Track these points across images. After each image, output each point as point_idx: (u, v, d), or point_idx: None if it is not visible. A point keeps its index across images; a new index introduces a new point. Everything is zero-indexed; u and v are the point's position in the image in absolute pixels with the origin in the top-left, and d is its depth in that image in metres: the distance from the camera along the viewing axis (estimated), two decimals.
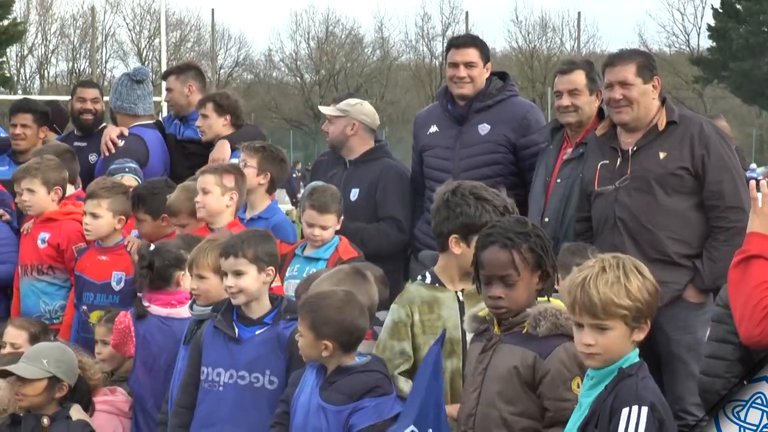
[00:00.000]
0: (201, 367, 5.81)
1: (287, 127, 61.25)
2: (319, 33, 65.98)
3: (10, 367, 6.09)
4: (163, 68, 13.06)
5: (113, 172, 8.31)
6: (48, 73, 60.65)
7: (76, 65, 60.69)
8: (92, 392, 6.34)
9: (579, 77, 7.33)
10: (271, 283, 5.90)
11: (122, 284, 7.34)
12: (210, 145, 8.66)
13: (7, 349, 6.87)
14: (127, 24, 63.00)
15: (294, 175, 33.07)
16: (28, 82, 58.35)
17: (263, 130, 10.07)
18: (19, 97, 19.24)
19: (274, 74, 67.68)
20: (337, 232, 7.17)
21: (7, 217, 8.21)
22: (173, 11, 62.45)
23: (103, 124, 9.39)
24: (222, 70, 65.05)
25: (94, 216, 7.38)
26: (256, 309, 5.80)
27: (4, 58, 45.22)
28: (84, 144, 9.16)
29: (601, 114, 7.34)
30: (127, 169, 8.33)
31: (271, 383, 5.71)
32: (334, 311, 5.14)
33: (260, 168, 7.55)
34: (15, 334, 7.00)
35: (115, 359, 6.77)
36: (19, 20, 36.32)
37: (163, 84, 10.61)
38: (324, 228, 7.09)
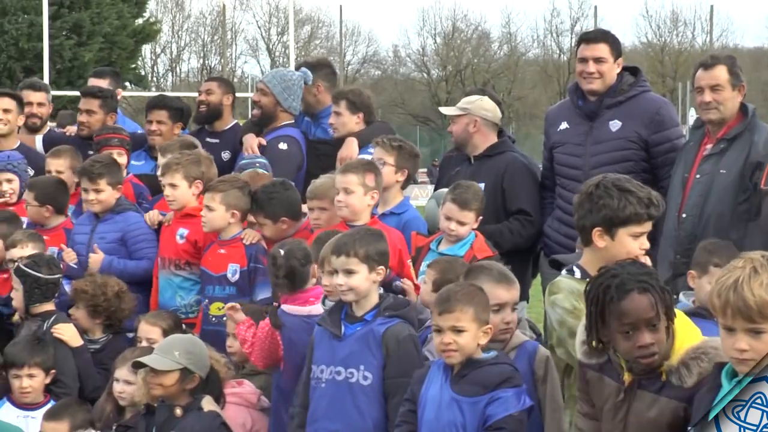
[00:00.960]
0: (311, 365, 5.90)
1: (414, 123, 61.34)
2: (446, 29, 65.93)
3: (143, 359, 6.21)
4: (292, 65, 13.18)
5: (243, 167, 8.41)
6: (180, 69, 61.83)
7: (206, 62, 61.73)
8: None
9: (721, 72, 7.20)
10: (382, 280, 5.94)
11: (237, 276, 7.43)
12: (339, 144, 8.71)
13: (143, 344, 7.02)
14: (257, 21, 63.86)
15: None
16: (161, 79, 59.55)
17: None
18: (153, 94, 19.60)
19: (401, 70, 67.84)
20: None
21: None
22: (302, 8, 63.02)
23: (234, 122, 9.47)
24: (350, 67, 65.44)
25: (209, 209, 7.50)
26: (363, 306, 5.83)
27: (139, 57, 46.18)
28: (216, 141, 9.27)
29: (744, 109, 7.20)
30: (257, 164, 8.42)
31: (365, 379, 5.72)
32: (484, 296, 5.21)
33: (398, 165, 7.58)
34: (148, 330, 7.14)
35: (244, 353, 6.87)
36: (153, 20, 37.09)
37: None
38: (461, 223, 7.07)
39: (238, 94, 10.13)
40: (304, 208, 7.62)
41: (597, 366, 4.65)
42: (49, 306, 7.36)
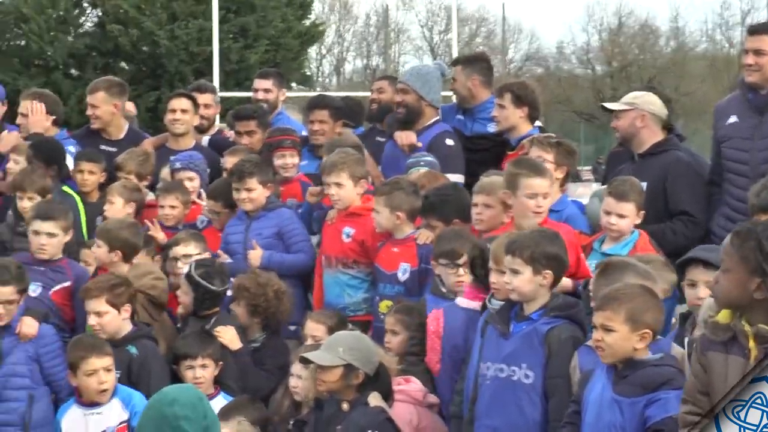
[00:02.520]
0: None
1: (577, 120, 60.59)
2: (612, 24, 64.92)
3: (308, 355, 6.31)
4: None
5: (410, 166, 8.48)
6: (344, 70, 62.54)
7: (370, 62, 62.25)
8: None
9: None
10: (557, 283, 5.88)
11: (407, 275, 7.50)
12: (498, 139, 8.69)
13: (308, 341, 7.14)
14: (419, 20, 64.07)
15: None
16: (326, 79, 60.33)
17: (553, 123, 10.01)
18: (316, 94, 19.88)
19: (565, 67, 67.07)
20: None
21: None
22: (465, 6, 62.95)
23: (434, 120, 9.45)
24: (512, 64, 65.02)
25: (375, 211, 7.61)
26: (532, 306, 5.82)
27: (304, 58, 46.88)
28: (384, 140, 9.30)
29: None
30: (422, 163, 8.46)
31: (527, 377, 5.71)
32: (651, 298, 5.14)
33: (557, 163, 7.52)
34: (314, 327, 7.26)
35: (403, 349, 6.92)
36: (318, 21, 37.65)
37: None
38: (621, 216, 6.98)
39: None
40: None
41: (722, 345, 4.57)
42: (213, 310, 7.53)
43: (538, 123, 8.91)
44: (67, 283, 7.78)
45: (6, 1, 24.65)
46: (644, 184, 7.48)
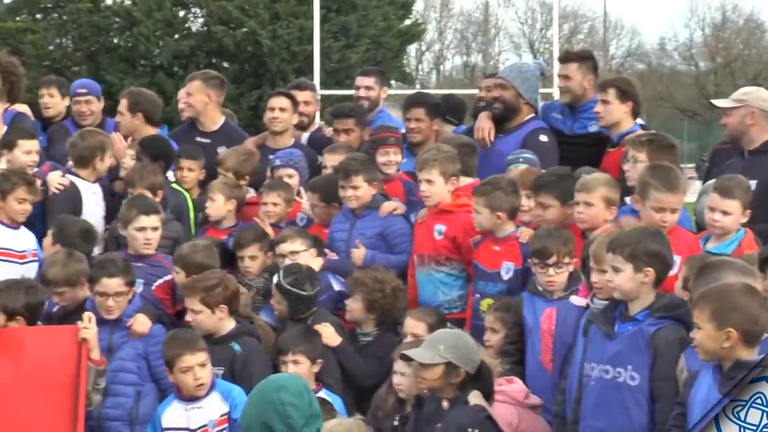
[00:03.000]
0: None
1: (680, 117, 59.75)
2: (715, 19, 63.88)
3: (409, 352, 6.32)
4: (555, 61, 13.08)
5: (509, 162, 8.45)
6: (444, 67, 62.50)
7: (469, 59, 62.13)
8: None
9: None
10: (660, 282, 5.81)
11: (510, 273, 7.47)
12: (597, 140, 8.63)
13: (408, 339, 7.15)
14: (519, 17, 63.75)
15: None
16: (426, 77, 60.36)
17: (656, 120, 9.88)
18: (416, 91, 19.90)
19: (667, 63, 66.18)
20: None
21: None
22: (566, 3, 62.48)
23: (530, 117, 9.41)
24: (614, 61, 64.36)
25: (476, 211, 7.58)
26: (637, 306, 5.75)
27: (404, 56, 46.98)
28: (502, 136, 9.18)
29: None
30: (521, 159, 8.43)
31: (633, 379, 5.65)
32: (741, 297, 5.01)
33: (651, 160, 7.40)
34: (414, 325, 7.27)
35: (502, 347, 6.90)
36: (419, 20, 37.72)
37: (555, 69, 10.62)
38: (725, 213, 6.87)
39: None
40: None
41: None
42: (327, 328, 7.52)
43: (639, 120, 8.81)
44: (168, 277, 7.92)
45: (116, 4, 25.14)
46: (753, 182, 7.35)
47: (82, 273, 7.42)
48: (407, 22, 33.12)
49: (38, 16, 25.03)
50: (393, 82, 31.89)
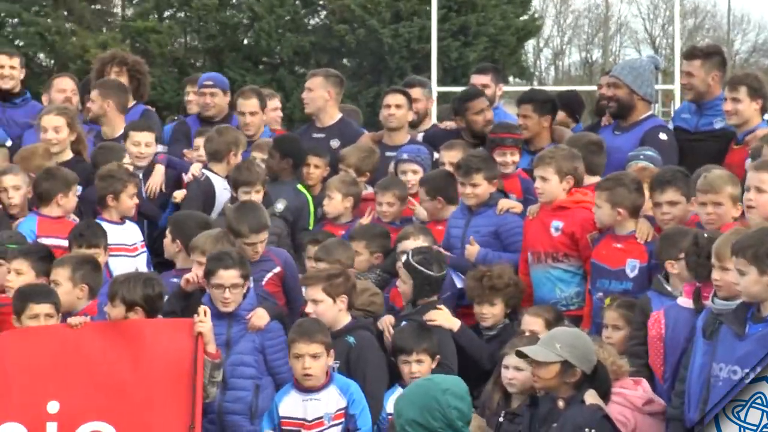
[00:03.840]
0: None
1: None
2: None
3: (525, 349, 6.27)
4: (676, 57, 12.88)
5: (630, 159, 8.37)
6: (562, 63, 61.96)
7: (589, 55, 61.51)
8: (613, 380, 6.37)
9: None
10: None
11: (636, 272, 7.40)
12: (720, 137, 8.47)
13: (525, 335, 7.12)
14: (641, 12, 62.88)
15: None
16: (543, 73, 59.93)
17: None
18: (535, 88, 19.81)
19: None
20: None
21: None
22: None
23: (647, 113, 9.27)
24: (738, 56, 63.07)
25: (597, 206, 7.56)
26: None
27: (521, 53, 46.73)
28: (620, 133, 9.13)
29: None
30: (642, 157, 8.34)
31: None
32: None
33: None
34: (531, 321, 7.24)
35: (624, 345, 6.81)
36: (537, 15, 37.50)
37: (676, 67, 10.45)
38: None
39: None
40: None
41: None
42: (442, 311, 7.56)
43: (767, 116, 8.64)
44: (278, 269, 8.00)
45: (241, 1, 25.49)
46: None
47: None
48: (525, 17, 32.92)
49: (166, 13, 25.53)
50: (511, 78, 31.73)
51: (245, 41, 26.26)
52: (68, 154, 9.26)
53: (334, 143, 9.72)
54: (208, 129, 9.58)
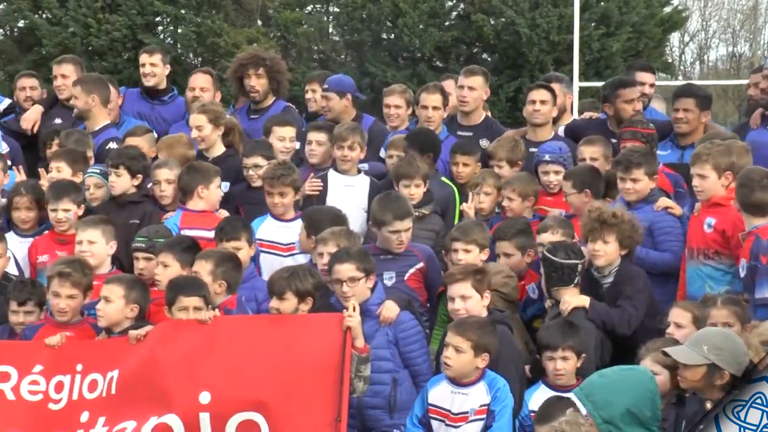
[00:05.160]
0: None
1: None
2: None
3: (669, 350, 6.17)
4: None
5: None
6: (708, 57, 60.71)
7: (736, 49, 60.14)
8: None
9: None
10: None
11: (745, 271, 7.32)
12: None
13: (671, 328, 7.05)
14: None
15: None
16: (689, 67, 58.82)
17: None
18: (680, 82, 19.48)
19: None
20: None
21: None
22: None
23: None
24: None
25: (701, 177, 7.64)
26: None
27: (667, 45, 45.92)
28: None
29: None
30: None
31: None
32: None
33: None
34: (680, 314, 7.17)
35: None
36: (681, 7, 36.79)
37: None
38: None
39: None
40: None
41: None
42: (571, 291, 7.55)
43: None
44: (420, 265, 8.07)
45: None
46: None
47: None
48: (668, 9, 32.33)
49: (315, 7, 25.77)
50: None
51: (387, 36, 26.41)
52: (219, 150, 9.45)
53: (484, 142, 9.74)
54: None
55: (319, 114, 10.47)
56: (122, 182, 8.86)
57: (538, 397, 7.07)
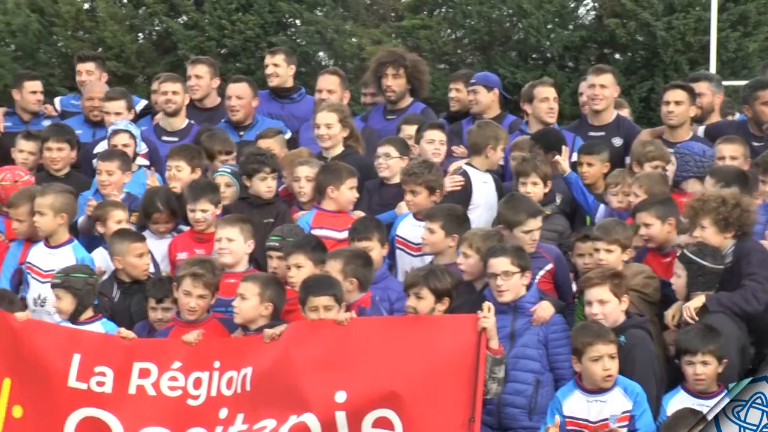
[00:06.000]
0: None
1: None
2: None
3: None
4: None
5: None
6: None
7: None
8: None
9: None
10: None
11: None
12: None
13: None
14: None
15: None
16: None
17: None
18: None
19: None
20: None
21: None
22: None
23: None
24: None
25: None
26: None
27: None
28: None
29: None
30: None
31: None
32: None
33: None
34: None
35: None
36: None
37: None
38: None
39: None
40: None
41: None
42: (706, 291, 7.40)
43: None
44: (549, 266, 8.05)
45: None
46: None
47: None
48: None
49: (435, 12, 25.89)
50: None
51: (514, 36, 26.29)
52: (339, 149, 9.54)
53: (617, 141, 9.64)
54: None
55: (463, 113, 10.48)
56: (270, 183, 8.97)
57: (676, 402, 6.97)
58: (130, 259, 8.32)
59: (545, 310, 7.35)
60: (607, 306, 7.19)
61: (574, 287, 8.11)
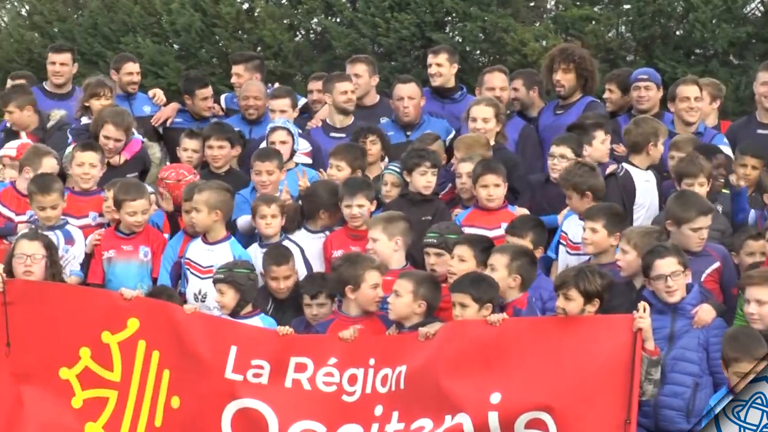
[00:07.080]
0: None
1: None
2: None
3: None
4: None
5: None
6: None
7: None
8: None
9: None
10: None
11: None
12: None
13: None
14: None
15: None
16: None
17: None
18: None
19: None
20: None
21: None
22: None
23: None
24: None
25: None
26: None
27: None
28: None
29: None
30: None
31: None
32: None
33: None
34: None
35: None
36: None
37: None
38: None
39: None
40: None
41: None
42: None
43: None
44: (716, 265, 7.91)
45: None
46: None
47: None
48: None
49: (605, 4, 25.57)
50: None
51: (678, 32, 25.82)
52: (492, 143, 9.58)
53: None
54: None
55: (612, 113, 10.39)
56: (429, 178, 9.03)
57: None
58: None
59: (707, 313, 7.22)
60: (765, 307, 7.01)
61: None
